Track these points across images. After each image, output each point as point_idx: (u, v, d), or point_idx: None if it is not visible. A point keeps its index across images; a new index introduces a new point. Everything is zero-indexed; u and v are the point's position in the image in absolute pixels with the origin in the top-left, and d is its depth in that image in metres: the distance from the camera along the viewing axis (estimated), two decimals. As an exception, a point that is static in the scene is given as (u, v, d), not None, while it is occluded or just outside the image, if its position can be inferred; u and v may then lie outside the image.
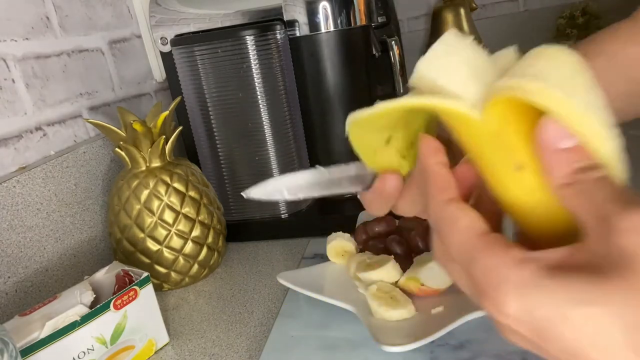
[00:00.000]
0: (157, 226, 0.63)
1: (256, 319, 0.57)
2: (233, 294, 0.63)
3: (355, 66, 0.73)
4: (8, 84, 0.61)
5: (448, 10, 1.48)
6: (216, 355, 0.52)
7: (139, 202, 0.62)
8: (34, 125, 0.65)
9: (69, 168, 0.66)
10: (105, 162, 0.73)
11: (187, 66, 0.71)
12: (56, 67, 0.69)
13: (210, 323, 0.58)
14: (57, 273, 0.62)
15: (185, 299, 0.64)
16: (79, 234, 0.67)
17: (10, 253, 0.56)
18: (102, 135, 0.73)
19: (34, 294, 0.58)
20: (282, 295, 0.60)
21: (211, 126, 0.73)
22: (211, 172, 0.75)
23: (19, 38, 0.64)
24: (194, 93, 0.72)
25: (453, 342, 0.45)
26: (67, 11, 0.72)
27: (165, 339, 0.55)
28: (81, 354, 0.47)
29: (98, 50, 0.78)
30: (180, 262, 0.64)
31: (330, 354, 0.47)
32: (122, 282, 0.51)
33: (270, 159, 0.72)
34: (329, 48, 0.71)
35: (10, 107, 0.61)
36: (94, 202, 0.70)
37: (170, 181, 0.64)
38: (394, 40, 0.92)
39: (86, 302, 0.48)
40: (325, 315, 0.52)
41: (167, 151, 0.65)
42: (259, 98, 0.70)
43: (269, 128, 0.71)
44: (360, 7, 0.71)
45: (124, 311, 0.50)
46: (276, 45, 0.69)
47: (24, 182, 0.59)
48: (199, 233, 0.65)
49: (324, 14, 0.70)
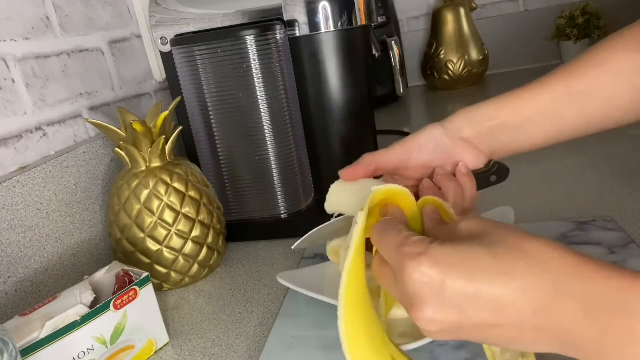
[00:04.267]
0: (157, 226, 0.63)
1: (256, 319, 0.57)
2: (233, 294, 0.63)
3: (355, 66, 0.73)
4: (8, 84, 0.61)
5: (448, 10, 1.48)
6: (216, 355, 0.52)
7: (139, 202, 0.62)
8: (34, 125, 0.65)
9: (69, 168, 0.66)
10: (105, 162, 0.73)
11: (187, 66, 0.71)
12: (56, 67, 0.69)
13: (210, 323, 0.58)
14: (57, 273, 0.62)
15: (185, 299, 0.64)
16: (79, 234, 0.67)
17: (10, 253, 0.56)
18: (102, 135, 0.73)
19: (34, 294, 0.58)
20: (282, 295, 0.60)
21: (211, 126, 0.73)
22: (211, 172, 0.75)
23: (19, 38, 0.64)
24: (194, 93, 0.72)
25: (453, 342, 0.45)
26: (67, 11, 0.72)
27: (165, 339, 0.55)
28: (81, 354, 0.47)
29: (98, 50, 0.78)
30: (180, 262, 0.64)
31: (330, 354, 0.47)
32: (122, 282, 0.51)
33: (270, 159, 0.72)
34: (329, 48, 0.71)
35: (10, 107, 0.61)
36: (94, 202, 0.70)
37: (170, 181, 0.64)
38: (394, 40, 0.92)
39: (86, 302, 0.48)
40: (325, 315, 0.52)
41: (167, 151, 0.65)
42: (259, 98, 0.70)
43: (269, 128, 0.71)
44: (360, 7, 0.71)
45: (124, 311, 0.50)
46: (276, 45, 0.69)
47: (24, 182, 0.59)
48: (199, 233, 0.65)
49: (324, 14, 0.70)
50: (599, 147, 0.81)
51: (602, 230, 0.57)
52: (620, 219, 0.59)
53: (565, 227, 0.60)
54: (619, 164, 0.75)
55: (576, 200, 0.67)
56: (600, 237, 0.56)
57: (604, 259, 0.38)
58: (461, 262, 0.30)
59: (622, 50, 0.45)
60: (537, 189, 0.72)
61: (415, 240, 0.32)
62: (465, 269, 0.30)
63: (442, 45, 1.49)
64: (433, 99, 1.50)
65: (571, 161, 0.79)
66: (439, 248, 0.31)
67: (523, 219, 0.64)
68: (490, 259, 0.30)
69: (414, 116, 1.41)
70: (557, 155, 0.81)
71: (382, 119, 1.29)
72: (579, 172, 0.75)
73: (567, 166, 0.78)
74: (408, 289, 0.31)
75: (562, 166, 0.78)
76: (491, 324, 0.29)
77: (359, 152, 0.78)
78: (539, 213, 0.66)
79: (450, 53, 1.48)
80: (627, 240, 0.55)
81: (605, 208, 0.63)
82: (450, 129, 0.49)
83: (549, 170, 0.78)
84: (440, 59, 1.49)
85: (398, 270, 0.32)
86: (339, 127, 0.75)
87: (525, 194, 0.71)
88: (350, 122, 0.75)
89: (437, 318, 0.30)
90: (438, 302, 0.30)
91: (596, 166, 0.76)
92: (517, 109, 0.47)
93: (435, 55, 1.51)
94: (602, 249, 0.54)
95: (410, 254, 0.31)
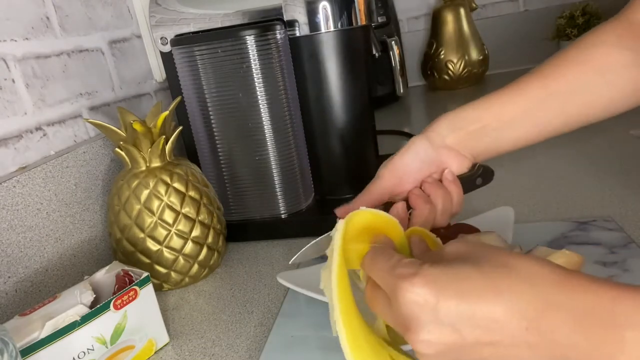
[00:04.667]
0: (157, 226, 0.63)
1: (256, 319, 0.57)
2: (233, 294, 0.63)
3: (355, 66, 0.73)
4: (8, 84, 0.61)
5: (448, 10, 1.48)
6: (216, 355, 0.52)
7: (139, 202, 0.62)
8: (34, 125, 0.65)
9: (69, 168, 0.66)
10: (105, 162, 0.73)
11: (187, 66, 0.71)
12: (56, 67, 0.69)
13: (210, 323, 0.58)
14: (57, 273, 0.62)
15: (185, 299, 0.64)
16: (79, 234, 0.67)
17: (10, 253, 0.56)
18: (102, 135, 0.73)
19: (34, 294, 0.58)
20: (282, 295, 0.60)
21: (211, 126, 0.73)
22: (211, 172, 0.75)
23: (19, 38, 0.64)
24: (194, 93, 0.72)
25: (453, 342, 0.45)
26: (67, 11, 0.72)
27: (165, 339, 0.55)
28: (81, 354, 0.47)
29: (98, 50, 0.78)
30: (180, 262, 0.64)
31: (330, 354, 0.47)
32: (122, 282, 0.51)
33: (270, 159, 0.72)
34: (329, 48, 0.71)
35: (10, 107, 0.61)
36: (94, 202, 0.70)
37: (170, 181, 0.64)
38: (394, 40, 0.92)
39: (86, 302, 0.48)
40: (325, 315, 0.52)
41: (167, 151, 0.65)
42: (259, 98, 0.70)
43: (269, 128, 0.71)
44: (360, 7, 0.71)
45: (124, 311, 0.50)
46: (276, 45, 0.69)
47: (24, 182, 0.59)
48: (199, 233, 0.65)
49: (324, 14, 0.70)
50: (599, 148, 0.81)
51: (602, 230, 0.57)
52: (620, 219, 0.59)
53: (565, 227, 0.60)
54: (619, 164, 0.75)
55: (576, 200, 0.67)
56: (600, 237, 0.56)
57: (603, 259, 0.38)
58: (452, 281, 0.30)
59: (603, 45, 0.46)
60: (537, 189, 0.72)
61: (407, 262, 0.33)
62: (457, 287, 0.30)
63: (442, 45, 1.49)
64: (433, 99, 1.50)
65: (571, 161, 0.79)
66: (430, 268, 0.31)
67: (523, 219, 0.64)
68: (479, 277, 0.30)
69: (414, 116, 1.41)
70: (557, 155, 0.81)
71: (382, 119, 1.29)
72: (579, 172, 0.75)
73: (567, 166, 0.78)
74: (402, 311, 0.31)
75: (562, 166, 0.78)
76: (486, 342, 0.29)
77: (359, 152, 0.78)
78: (539, 213, 0.66)
79: (450, 53, 1.48)
80: (627, 240, 0.55)
81: (605, 208, 0.63)
82: (433, 139, 0.50)
83: (549, 170, 0.78)
84: (440, 59, 1.49)
85: (392, 292, 0.32)
86: (339, 127, 0.75)
87: (525, 194, 0.71)
88: (350, 122, 0.75)
89: (433, 339, 0.30)
90: (432, 322, 0.30)
91: (596, 166, 0.76)
92: (498, 112, 0.48)
93: (435, 55, 1.51)
94: (602, 249, 0.54)
95: (403, 275, 0.32)
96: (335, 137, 0.75)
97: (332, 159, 0.77)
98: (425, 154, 0.49)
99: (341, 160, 0.77)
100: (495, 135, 0.49)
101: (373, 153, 0.81)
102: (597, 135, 0.48)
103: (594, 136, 0.48)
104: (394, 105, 1.47)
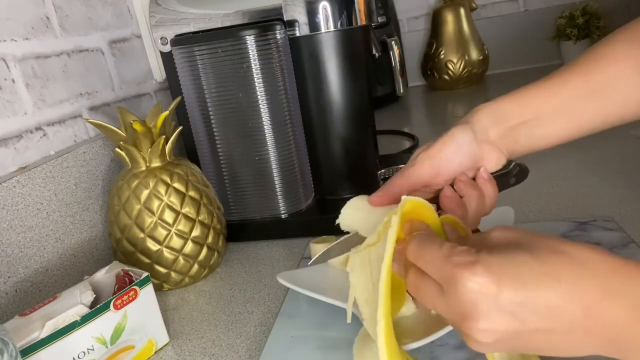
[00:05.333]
0: (157, 226, 0.63)
1: (256, 319, 0.57)
2: (233, 294, 0.63)
3: (355, 66, 0.73)
4: (8, 84, 0.61)
5: (448, 10, 1.48)
6: (216, 355, 0.52)
7: (139, 202, 0.62)
8: (34, 125, 0.65)
9: (69, 168, 0.66)
10: (105, 162, 0.73)
11: (187, 66, 0.71)
12: (56, 67, 0.69)
13: (210, 323, 0.58)
14: (57, 273, 0.62)
15: (185, 299, 0.64)
16: (79, 234, 0.67)
17: (10, 253, 0.56)
18: (102, 135, 0.73)
19: (34, 294, 0.58)
20: (282, 295, 0.60)
21: (211, 126, 0.73)
22: (211, 172, 0.75)
23: (19, 38, 0.64)
24: (194, 93, 0.72)
25: (453, 342, 0.45)
26: (67, 11, 0.72)
27: (165, 339, 0.55)
28: (81, 354, 0.47)
29: (98, 50, 0.78)
30: (180, 262, 0.64)
31: (330, 354, 0.47)
32: (122, 282, 0.51)
33: (270, 159, 0.72)
34: (329, 48, 0.71)
35: (10, 107, 0.61)
36: (94, 202, 0.70)
37: (170, 181, 0.64)
38: (394, 40, 0.92)
39: (86, 302, 0.48)
40: (325, 315, 0.52)
41: (167, 151, 0.65)
42: (259, 98, 0.70)
43: (269, 128, 0.71)
44: (360, 7, 0.71)
45: (124, 311, 0.50)
46: (276, 45, 0.69)
47: (24, 182, 0.59)
48: (199, 233, 0.65)
49: (324, 14, 0.70)
50: (599, 147, 0.81)
51: (602, 230, 0.57)
52: (620, 219, 0.59)
53: (565, 227, 0.60)
54: (619, 164, 0.75)
55: (576, 200, 0.67)
56: (600, 237, 0.56)
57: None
58: (511, 269, 0.30)
59: (637, 42, 0.44)
60: (537, 189, 0.72)
61: (463, 250, 0.31)
62: (516, 275, 0.29)
63: (442, 45, 1.49)
64: (433, 99, 1.50)
65: (571, 161, 0.79)
66: (489, 256, 0.30)
67: (523, 219, 0.64)
68: (536, 263, 0.30)
69: (414, 116, 1.41)
70: (557, 155, 0.81)
71: (382, 119, 1.30)
72: (579, 172, 0.75)
73: (567, 166, 0.78)
74: (462, 300, 0.30)
75: (562, 166, 0.78)
76: (545, 329, 0.29)
77: (359, 152, 0.78)
78: (539, 213, 0.66)
79: (450, 53, 1.48)
80: (627, 240, 0.55)
81: (605, 208, 0.63)
82: (478, 132, 0.46)
83: (549, 170, 0.78)
84: (440, 59, 1.49)
85: (449, 282, 0.31)
86: (339, 127, 0.75)
87: (525, 194, 0.71)
88: (350, 122, 0.75)
89: (493, 327, 0.30)
90: (493, 310, 0.29)
91: (596, 166, 0.76)
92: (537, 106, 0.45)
93: (435, 55, 1.51)
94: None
95: (462, 263, 0.30)
96: (335, 137, 0.75)
97: (332, 159, 0.77)
98: (469, 149, 0.45)
99: (341, 160, 0.77)
100: (532, 133, 0.46)
101: (373, 153, 0.81)
102: (597, 135, 0.48)
103: (594, 136, 0.48)
104: (394, 105, 1.47)
